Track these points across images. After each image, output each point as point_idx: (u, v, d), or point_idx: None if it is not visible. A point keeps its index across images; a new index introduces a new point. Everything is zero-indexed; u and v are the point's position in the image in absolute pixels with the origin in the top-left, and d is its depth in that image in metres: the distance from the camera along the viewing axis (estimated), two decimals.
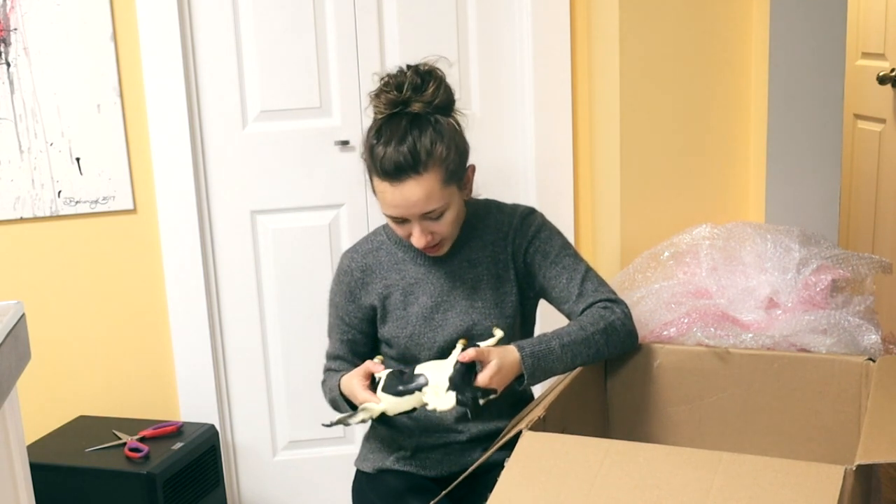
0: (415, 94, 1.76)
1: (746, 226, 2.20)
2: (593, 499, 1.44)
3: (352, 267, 1.92)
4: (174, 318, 2.60)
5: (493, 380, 1.70)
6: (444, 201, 1.77)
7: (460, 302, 1.88)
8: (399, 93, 1.76)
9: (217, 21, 2.51)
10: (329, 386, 1.92)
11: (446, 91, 1.79)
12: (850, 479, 1.40)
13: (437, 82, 1.77)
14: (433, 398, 1.68)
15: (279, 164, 2.60)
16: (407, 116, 1.75)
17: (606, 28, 2.43)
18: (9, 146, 2.44)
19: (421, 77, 1.77)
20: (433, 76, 1.78)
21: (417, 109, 1.75)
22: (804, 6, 2.31)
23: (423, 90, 1.76)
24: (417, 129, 1.74)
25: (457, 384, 1.67)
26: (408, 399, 1.69)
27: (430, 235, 1.79)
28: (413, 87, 1.76)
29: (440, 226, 1.79)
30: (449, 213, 1.79)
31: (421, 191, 1.73)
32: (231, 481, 2.73)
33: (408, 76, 1.76)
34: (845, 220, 3.53)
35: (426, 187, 1.73)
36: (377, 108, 1.79)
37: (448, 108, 1.80)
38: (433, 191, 1.74)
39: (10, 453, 1.36)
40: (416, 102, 1.75)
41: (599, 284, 1.89)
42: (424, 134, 1.73)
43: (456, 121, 1.81)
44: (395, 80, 1.77)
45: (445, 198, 1.77)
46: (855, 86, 3.37)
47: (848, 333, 1.91)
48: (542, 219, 1.92)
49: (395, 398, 1.70)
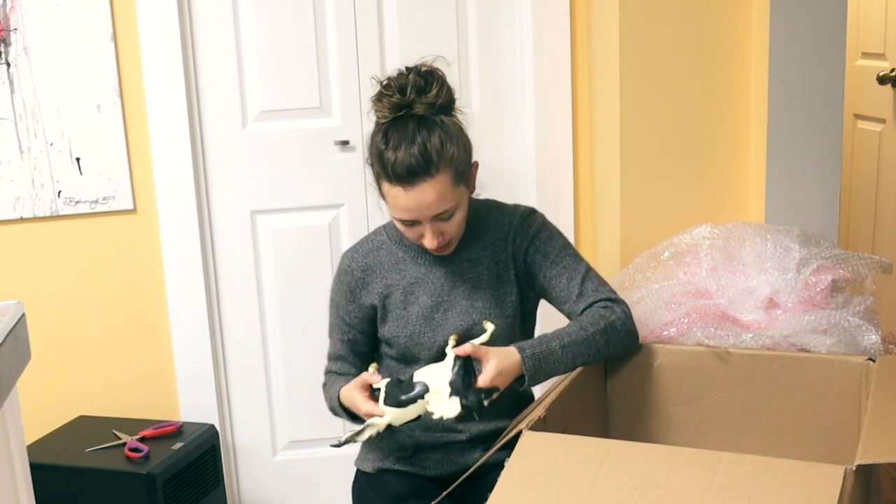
0: (418, 96, 1.74)
1: (746, 226, 2.20)
2: (593, 499, 1.44)
3: (352, 267, 1.92)
4: (174, 318, 2.60)
5: (495, 381, 1.70)
6: (456, 201, 1.77)
7: (460, 302, 1.88)
8: (402, 96, 1.74)
9: (217, 21, 2.51)
10: (329, 395, 1.92)
11: (448, 91, 1.78)
12: (850, 479, 1.40)
13: (439, 83, 1.76)
14: (437, 406, 1.67)
15: (279, 164, 2.60)
16: (413, 119, 1.74)
17: (606, 28, 2.43)
18: (9, 146, 2.44)
19: (423, 78, 1.76)
20: (435, 77, 1.77)
21: (422, 111, 1.74)
22: (804, 6, 2.31)
23: (427, 91, 1.75)
24: (426, 131, 1.73)
25: (459, 389, 1.66)
26: (412, 408, 1.69)
27: (441, 236, 1.79)
28: (416, 89, 1.74)
29: (451, 226, 1.80)
30: (459, 213, 1.80)
31: (434, 193, 1.73)
32: (231, 481, 2.73)
33: (410, 78, 1.75)
34: (845, 220, 3.53)
35: (439, 189, 1.73)
36: (380, 112, 1.77)
37: (450, 107, 1.79)
38: (445, 192, 1.74)
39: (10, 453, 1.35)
40: (419, 104, 1.74)
41: (600, 284, 1.89)
42: (433, 135, 1.73)
43: (455, 121, 1.80)
44: (396, 83, 1.76)
45: (456, 197, 1.77)
46: (855, 86, 3.37)
47: (848, 333, 1.91)
48: (542, 219, 1.92)
49: (399, 409, 1.69)
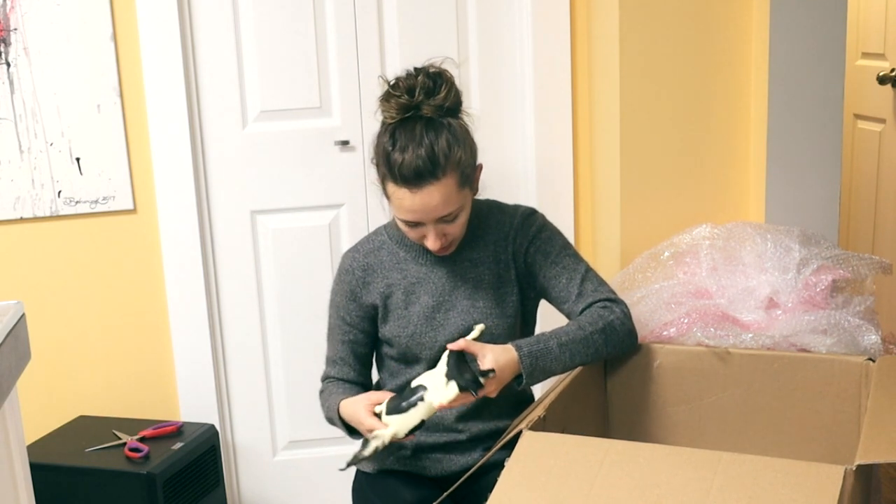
0: (427, 97, 1.73)
1: (746, 226, 2.20)
2: (593, 499, 1.44)
3: (353, 266, 1.92)
4: (174, 318, 2.60)
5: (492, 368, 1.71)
6: (460, 203, 1.77)
7: (462, 301, 1.88)
8: (411, 97, 1.73)
9: (217, 21, 2.51)
10: (327, 405, 1.91)
11: (456, 93, 1.77)
12: (850, 479, 1.40)
13: (447, 85, 1.76)
14: (436, 395, 1.67)
15: (279, 164, 2.60)
16: (420, 121, 1.73)
17: (606, 28, 2.43)
18: (9, 146, 2.44)
19: (432, 80, 1.74)
20: (444, 79, 1.76)
21: (429, 113, 1.73)
22: (804, 6, 2.30)
23: (435, 94, 1.74)
24: (433, 134, 1.72)
25: (454, 374, 1.67)
26: (413, 412, 1.68)
27: (443, 237, 1.79)
28: (425, 90, 1.73)
29: (454, 227, 1.80)
30: (463, 215, 1.80)
31: (440, 196, 1.72)
32: (231, 481, 2.73)
33: (419, 80, 1.74)
34: (845, 220, 3.53)
35: (444, 192, 1.73)
36: (387, 112, 1.76)
37: (457, 109, 1.79)
38: (451, 195, 1.74)
39: (10, 453, 1.35)
40: (427, 106, 1.73)
41: (599, 284, 1.89)
42: (441, 138, 1.72)
43: (461, 123, 1.80)
44: (405, 84, 1.75)
45: (461, 200, 1.77)
46: (855, 86, 3.37)
47: (848, 334, 1.91)
48: (543, 219, 1.92)
49: (401, 416, 1.69)
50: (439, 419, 1.90)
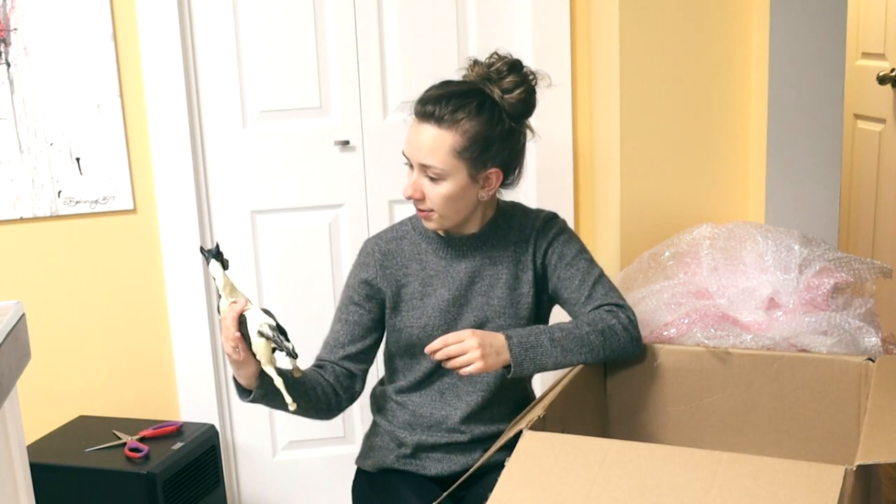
0: (496, 77, 1.82)
1: (747, 226, 2.20)
2: (593, 499, 1.44)
3: (374, 250, 1.94)
4: (174, 318, 2.60)
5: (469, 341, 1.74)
6: (446, 167, 1.79)
7: (477, 298, 1.89)
8: (486, 69, 1.83)
9: (217, 21, 2.51)
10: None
11: (525, 97, 1.84)
12: (850, 479, 1.40)
13: (520, 82, 1.83)
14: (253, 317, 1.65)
15: (279, 164, 2.60)
16: (471, 85, 1.82)
17: (606, 28, 2.43)
18: (9, 146, 2.44)
19: (509, 69, 1.83)
20: (520, 75, 1.84)
21: (489, 91, 1.82)
22: (804, 6, 2.31)
23: (501, 79, 1.82)
24: (466, 96, 1.79)
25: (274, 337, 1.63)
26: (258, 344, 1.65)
27: (419, 193, 1.82)
28: (498, 71, 1.83)
29: (433, 192, 1.82)
30: (446, 185, 1.80)
31: (430, 140, 1.78)
32: (231, 481, 2.73)
33: (502, 62, 1.84)
34: (845, 220, 3.53)
35: (436, 141, 1.78)
36: (466, 72, 1.86)
37: (516, 112, 1.84)
38: (441, 149, 1.78)
39: (10, 453, 1.35)
40: (491, 84, 1.82)
41: (610, 290, 1.90)
42: (469, 103, 1.79)
43: (512, 128, 1.84)
44: (490, 59, 1.85)
45: (448, 165, 1.79)
46: (855, 86, 3.37)
47: (849, 335, 1.91)
48: (563, 224, 1.96)
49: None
50: (442, 420, 1.91)
